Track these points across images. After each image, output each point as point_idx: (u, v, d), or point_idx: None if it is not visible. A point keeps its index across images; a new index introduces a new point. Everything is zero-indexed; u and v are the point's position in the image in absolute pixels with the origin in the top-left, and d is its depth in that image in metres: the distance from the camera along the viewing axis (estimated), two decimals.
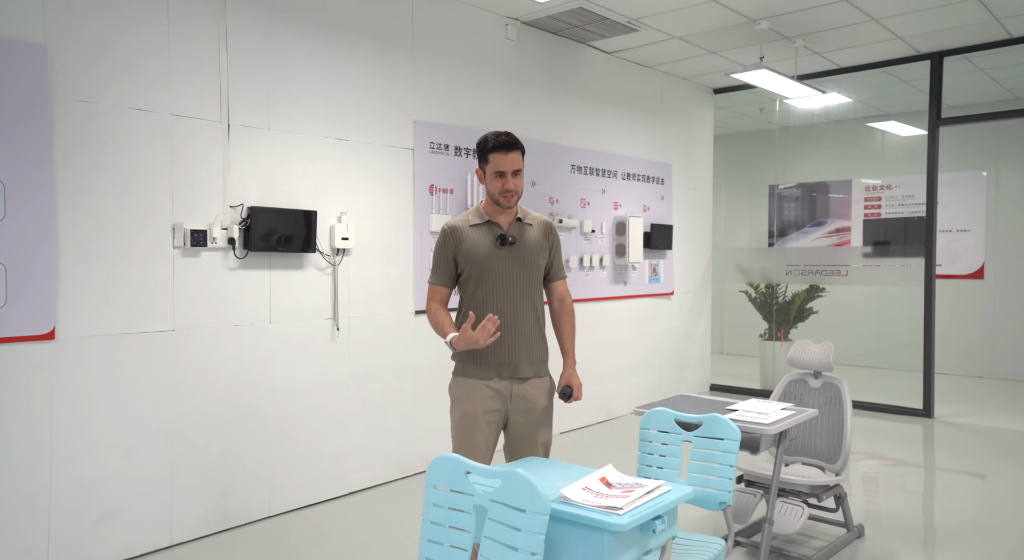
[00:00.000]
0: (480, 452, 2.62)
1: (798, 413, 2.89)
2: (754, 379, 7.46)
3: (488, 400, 2.61)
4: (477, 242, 2.63)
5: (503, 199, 2.59)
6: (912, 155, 8.43)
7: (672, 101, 6.75)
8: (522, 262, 2.66)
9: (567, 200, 5.62)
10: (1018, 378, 7.90)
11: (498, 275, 2.63)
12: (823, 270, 6.86)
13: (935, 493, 4.39)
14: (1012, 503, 4.06)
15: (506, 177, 2.58)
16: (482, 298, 2.64)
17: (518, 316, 2.65)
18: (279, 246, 3.71)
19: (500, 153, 2.57)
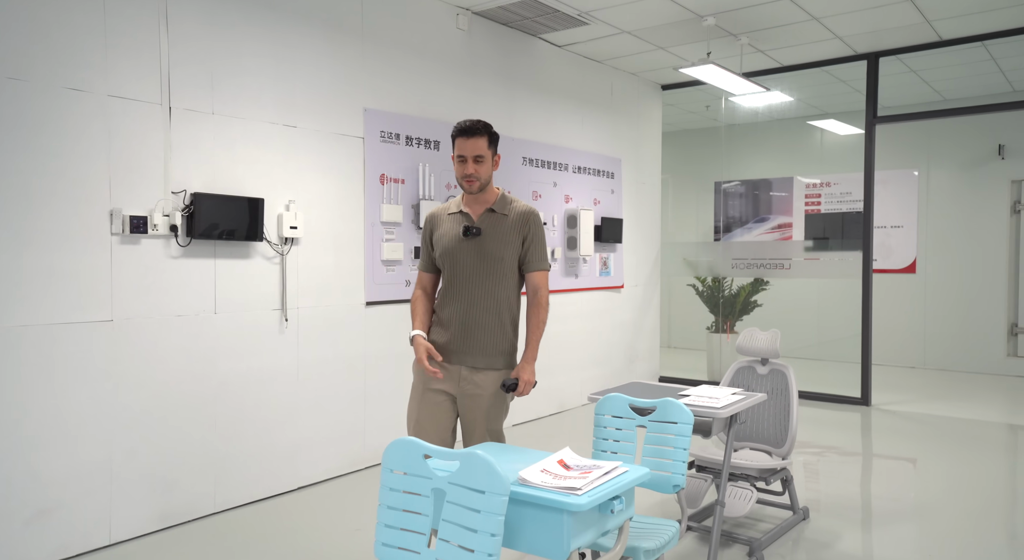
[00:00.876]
0: (422, 426, 2.71)
1: (747, 397, 2.95)
2: (701, 371, 7.61)
3: (434, 379, 2.70)
4: (448, 231, 2.72)
5: (464, 184, 2.67)
6: (850, 153, 8.73)
7: (622, 96, 6.82)
8: (484, 254, 2.68)
9: (519, 192, 5.62)
10: (948, 368, 8.27)
11: (460, 265, 2.70)
12: (767, 264, 7.04)
13: (873, 477, 4.55)
14: (944, 485, 4.24)
15: (466, 162, 2.62)
16: (446, 286, 2.77)
17: (475, 307, 2.69)
18: (225, 234, 3.60)
19: (462, 138, 2.64)
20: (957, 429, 5.60)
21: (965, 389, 7.18)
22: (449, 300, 2.73)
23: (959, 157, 8.23)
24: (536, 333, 2.76)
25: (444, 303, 2.75)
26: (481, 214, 2.70)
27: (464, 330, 2.69)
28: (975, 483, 4.25)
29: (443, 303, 2.76)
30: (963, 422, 5.80)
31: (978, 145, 8.10)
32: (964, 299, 8.20)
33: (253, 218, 3.73)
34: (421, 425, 2.73)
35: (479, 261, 2.68)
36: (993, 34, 5.70)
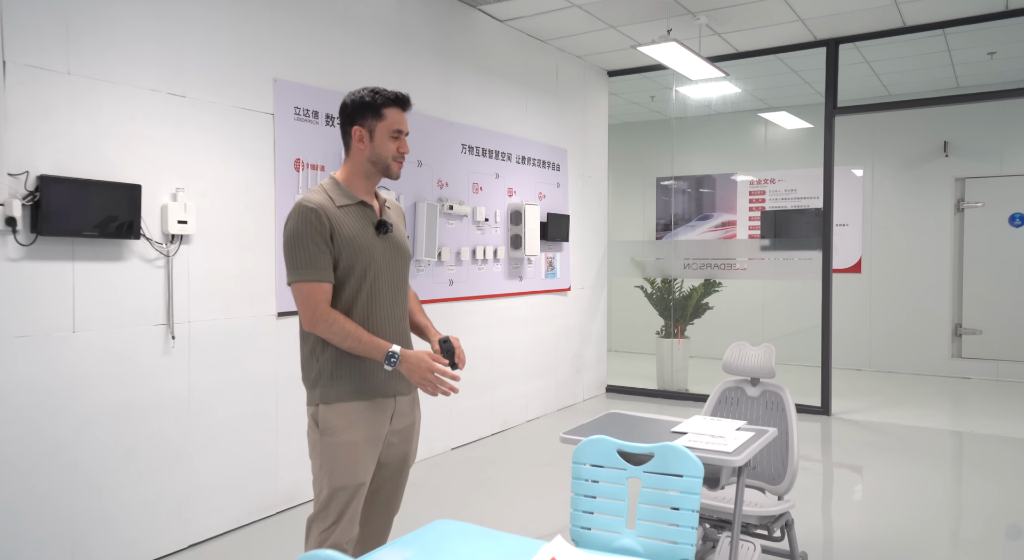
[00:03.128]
0: (364, 490, 2.11)
1: (758, 434, 2.39)
2: (650, 378, 7.14)
3: (375, 425, 2.10)
4: (356, 229, 2.08)
5: (395, 166, 2.13)
6: (796, 149, 8.48)
7: (567, 81, 6.24)
8: (400, 254, 2.19)
9: (458, 184, 4.95)
10: (893, 370, 8.09)
11: (382, 271, 2.13)
12: (721, 264, 6.62)
13: (866, 508, 4.12)
14: (971, 515, 3.83)
15: (402, 138, 2.12)
16: (366, 303, 2.09)
17: (401, 318, 2.19)
18: (86, 230, 2.79)
19: (398, 109, 2.11)
20: (928, 442, 5.27)
21: (917, 393, 6.97)
22: (373, 316, 2.10)
23: (904, 154, 8.07)
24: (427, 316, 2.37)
25: (366, 321, 2.09)
26: (381, 206, 2.19)
27: None
28: (979, 512, 3.87)
29: (364, 322, 2.08)
30: (929, 433, 5.50)
31: (923, 142, 7.94)
32: (909, 299, 8.04)
33: (127, 210, 2.93)
34: (359, 496, 2.08)
35: (395, 262, 2.17)
36: (956, 21, 5.41)
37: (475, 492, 4.12)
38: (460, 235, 4.98)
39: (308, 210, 2.01)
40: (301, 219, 2.01)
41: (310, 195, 2.06)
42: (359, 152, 2.09)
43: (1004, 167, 7.57)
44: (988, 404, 6.50)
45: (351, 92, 2.10)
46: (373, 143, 2.08)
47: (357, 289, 2.08)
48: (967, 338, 7.83)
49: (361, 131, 2.07)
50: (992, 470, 4.52)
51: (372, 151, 2.08)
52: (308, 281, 2.01)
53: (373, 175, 2.12)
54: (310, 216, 2.01)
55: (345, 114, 2.10)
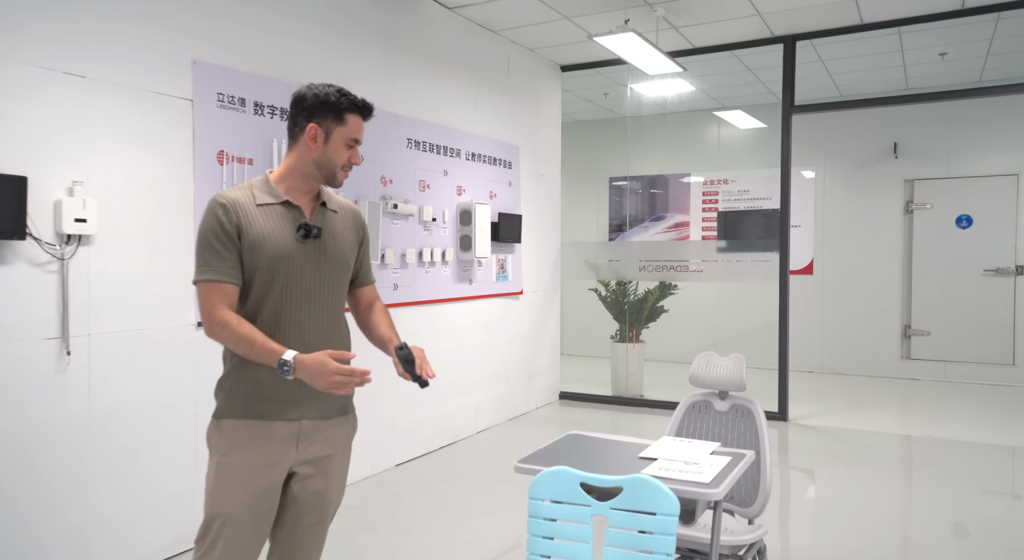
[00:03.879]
0: (262, 523, 1.87)
1: (736, 459, 2.14)
2: (605, 384, 6.92)
3: (268, 450, 1.86)
4: (270, 229, 1.88)
5: (342, 175, 1.97)
6: (750, 150, 8.39)
7: (519, 75, 5.96)
8: (329, 262, 1.96)
9: (403, 181, 4.61)
10: (844, 372, 8.07)
11: (299, 279, 1.91)
12: (676, 266, 6.44)
13: (833, 521, 3.94)
14: (935, 529, 3.68)
15: (355, 148, 1.96)
16: (274, 311, 1.89)
17: (320, 334, 1.94)
18: None
19: (357, 116, 1.95)
20: (888, 449, 5.17)
21: (870, 396, 6.92)
22: (281, 328, 1.88)
23: (855, 156, 8.06)
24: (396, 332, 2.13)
25: (272, 333, 1.86)
26: (315, 210, 1.98)
27: None
28: (940, 523, 3.73)
29: (270, 333, 1.85)
30: (887, 439, 5.40)
31: (873, 144, 7.94)
32: (860, 301, 8.03)
33: (10, 206, 2.52)
34: (239, 527, 1.82)
35: (320, 272, 1.94)
36: (913, 19, 5.33)
37: (420, 514, 3.80)
38: (406, 236, 4.64)
39: (216, 205, 1.86)
40: (209, 214, 1.86)
41: (228, 190, 1.91)
42: (307, 151, 1.92)
43: (951, 169, 7.61)
44: (938, 407, 6.48)
45: (312, 85, 1.92)
46: (327, 146, 1.91)
47: (262, 299, 1.88)
48: (916, 339, 7.85)
49: (316, 130, 1.90)
50: (950, 477, 4.42)
51: (322, 154, 1.91)
52: (208, 281, 1.83)
53: (314, 178, 1.94)
54: (217, 211, 1.85)
55: (302, 107, 1.91)
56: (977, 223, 7.54)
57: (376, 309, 2.12)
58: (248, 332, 1.78)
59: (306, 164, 1.91)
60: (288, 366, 1.74)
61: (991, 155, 7.44)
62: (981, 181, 7.51)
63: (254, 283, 1.87)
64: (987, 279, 7.49)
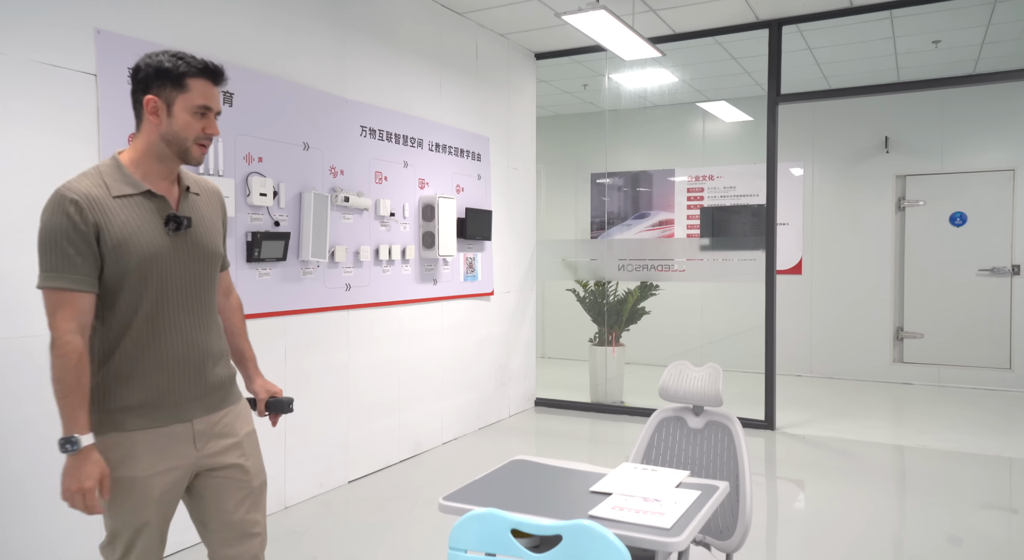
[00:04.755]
0: (158, 534, 1.78)
1: (706, 493, 1.77)
2: (583, 389, 6.56)
3: (167, 456, 1.75)
4: (135, 225, 1.70)
5: (197, 151, 1.76)
6: (735, 145, 8.06)
7: (489, 61, 5.60)
8: (202, 254, 1.82)
9: (356, 172, 4.24)
10: (834, 376, 7.75)
11: (174, 277, 1.76)
12: (658, 265, 6.08)
13: (832, 545, 3.59)
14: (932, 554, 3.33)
15: (209, 117, 1.76)
16: (150, 314, 1.72)
17: (201, 330, 1.82)
18: None
19: (207, 81, 1.75)
20: (879, 460, 4.84)
21: (861, 403, 6.59)
22: (160, 331, 1.74)
23: (844, 151, 7.74)
24: (249, 342, 2.08)
25: (151, 337, 1.73)
26: (180, 196, 1.80)
27: (195, 367, 1.80)
28: (935, 546, 3.39)
29: (149, 338, 1.73)
30: (879, 450, 5.07)
31: (863, 138, 7.63)
32: (850, 302, 7.71)
33: None
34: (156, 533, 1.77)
35: (195, 266, 1.80)
36: (906, 1, 5.01)
37: (367, 541, 3.42)
38: (359, 232, 4.27)
39: (66, 201, 1.63)
40: (58, 212, 1.63)
41: (76, 181, 1.67)
42: (151, 127, 1.72)
43: (945, 165, 7.31)
44: (932, 414, 6.16)
45: (147, 54, 1.73)
46: (170, 119, 1.72)
47: (136, 303, 1.71)
48: (908, 342, 7.54)
49: (156, 102, 1.71)
50: (946, 493, 4.08)
51: (168, 128, 1.72)
52: (57, 289, 1.63)
53: (168, 158, 1.75)
54: (68, 208, 1.63)
55: (137, 79, 1.73)
56: (972, 221, 7.24)
57: (232, 302, 2.04)
58: (76, 381, 1.62)
59: (155, 143, 1.72)
60: (73, 447, 1.61)
61: (986, 149, 7.14)
62: (976, 177, 7.21)
63: (124, 287, 1.69)
64: (982, 279, 7.18)
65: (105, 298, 1.68)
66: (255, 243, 3.46)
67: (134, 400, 1.71)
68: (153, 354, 1.72)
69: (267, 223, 3.61)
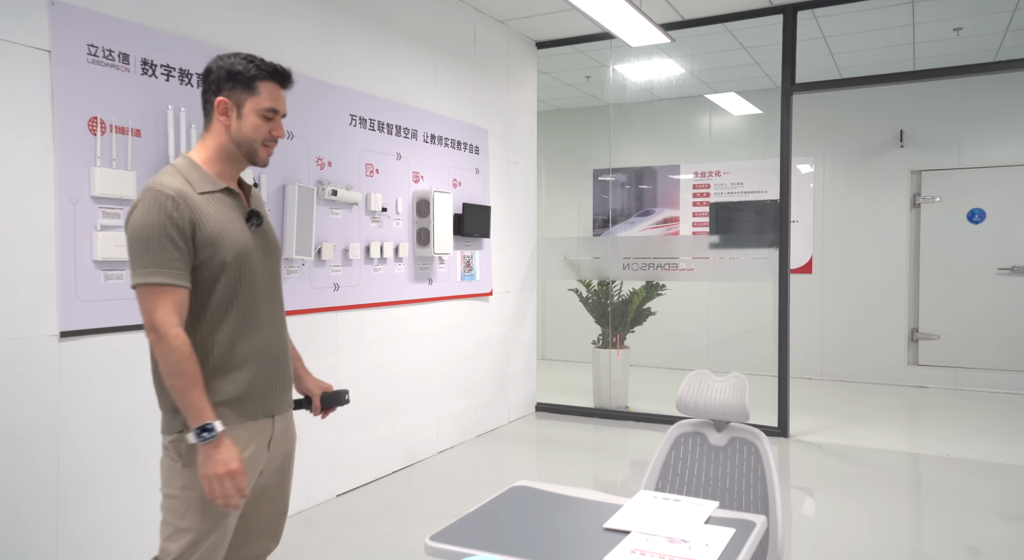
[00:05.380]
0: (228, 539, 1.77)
1: (743, 531, 1.49)
2: (587, 393, 6.29)
3: (254, 452, 1.77)
4: (225, 221, 1.75)
5: (264, 152, 1.82)
6: (744, 139, 7.78)
7: (488, 50, 5.32)
8: (272, 249, 1.90)
9: (345, 164, 3.96)
10: (846, 379, 7.47)
11: (258, 272, 1.82)
12: (664, 264, 5.80)
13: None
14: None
15: (276, 120, 1.82)
16: (244, 308, 1.78)
17: (279, 327, 1.88)
18: None
19: (275, 84, 1.81)
20: (899, 469, 4.55)
21: (876, 408, 6.31)
22: (253, 325, 1.80)
23: (857, 145, 7.45)
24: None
25: (246, 331, 1.78)
26: (247, 193, 1.88)
27: (280, 362, 1.86)
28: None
29: (243, 331, 1.77)
30: (897, 457, 4.79)
31: (877, 132, 7.34)
32: (863, 302, 7.43)
33: None
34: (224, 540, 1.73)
35: (269, 261, 1.87)
36: None
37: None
38: (348, 228, 3.99)
39: (164, 197, 1.66)
40: (155, 208, 1.65)
41: (164, 178, 1.70)
42: (221, 129, 1.78)
43: (962, 159, 7.02)
44: (950, 420, 5.87)
45: (219, 56, 1.78)
46: (240, 121, 1.77)
47: (231, 297, 1.74)
48: (924, 344, 7.25)
49: (226, 104, 1.76)
50: (967, 507, 3.80)
51: (237, 129, 1.77)
52: (158, 285, 1.63)
53: (237, 158, 1.81)
54: (166, 204, 1.65)
55: (208, 81, 1.78)
56: (990, 217, 6.95)
57: None
58: (193, 371, 1.64)
59: (226, 144, 1.77)
60: (212, 434, 1.61)
61: (1006, 143, 6.85)
62: (995, 171, 6.92)
63: (220, 282, 1.72)
64: (1001, 278, 6.89)
65: (199, 293, 1.70)
66: None
67: (231, 394, 1.73)
68: (247, 348, 1.75)
69: None
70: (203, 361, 1.70)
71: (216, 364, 1.72)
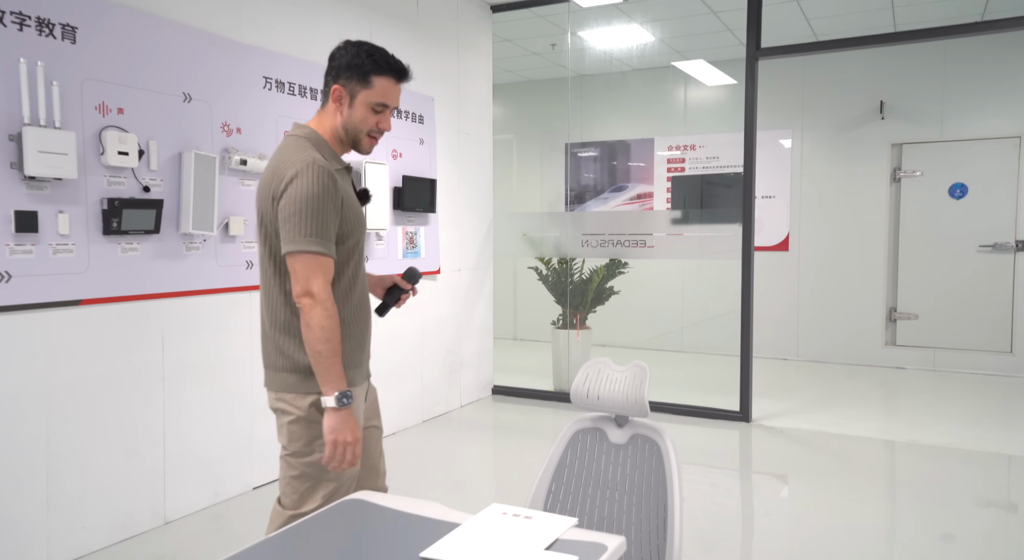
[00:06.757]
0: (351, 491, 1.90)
1: (584, 558, 1.21)
2: (546, 374, 6.03)
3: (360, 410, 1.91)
4: (353, 199, 1.89)
5: (368, 142, 1.91)
6: (719, 111, 7.44)
7: (433, 11, 4.96)
8: (365, 224, 1.98)
9: (258, 131, 3.63)
10: (822, 360, 7.21)
11: (362, 244, 1.94)
12: (624, 241, 5.50)
13: (808, 556, 3.06)
14: None
15: (386, 113, 1.89)
16: (361, 281, 1.94)
17: (369, 298, 2.00)
18: None
19: (391, 79, 1.86)
20: (862, 457, 4.29)
21: (848, 390, 6.05)
22: (364, 294, 1.96)
23: (835, 118, 7.12)
24: None
25: (362, 300, 1.94)
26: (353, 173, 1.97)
27: (369, 335, 1.99)
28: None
29: (362, 300, 1.94)
30: (863, 444, 4.53)
31: (857, 103, 7.01)
32: (841, 281, 7.14)
33: None
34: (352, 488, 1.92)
35: (365, 235, 1.97)
36: None
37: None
38: None
39: (325, 172, 1.76)
40: (319, 181, 1.74)
41: (313, 153, 1.79)
42: (334, 112, 1.87)
43: (945, 132, 6.70)
44: (926, 403, 5.61)
45: (346, 43, 1.88)
46: (351, 110, 1.86)
47: (356, 268, 1.91)
48: (902, 323, 6.99)
49: (341, 92, 1.86)
50: (938, 500, 3.54)
51: (348, 117, 1.87)
52: (317, 254, 1.74)
53: (345, 142, 1.91)
54: (325, 178, 1.76)
55: (331, 66, 1.88)
56: (972, 193, 6.65)
57: None
58: (339, 342, 1.76)
59: (337, 128, 1.87)
60: (350, 400, 1.76)
61: (989, 115, 6.53)
62: (978, 145, 6.61)
63: (352, 256, 1.87)
64: (983, 256, 6.61)
65: (337, 266, 1.82)
66: (112, 212, 2.87)
67: (355, 359, 1.89)
68: (364, 316, 1.93)
69: (133, 188, 3.02)
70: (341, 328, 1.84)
71: (347, 331, 1.86)
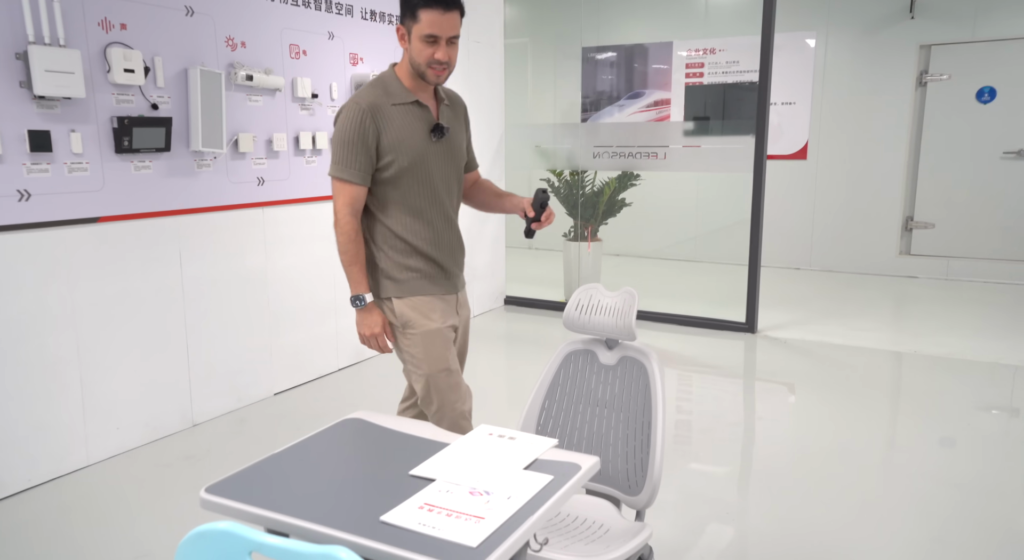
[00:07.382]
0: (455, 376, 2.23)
1: (560, 478, 1.32)
2: (557, 285, 6.14)
3: (448, 315, 2.22)
4: (407, 130, 2.08)
5: (431, 73, 2.05)
6: (739, 11, 7.13)
7: None
8: (454, 158, 2.22)
9: (263, 45, 3.60)
10: (835, 269, 7.24)
11: (434, 176, 2.15)
12: (637, 152, 5.45)
13: (800, 476, 3.23)
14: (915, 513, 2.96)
15: (439, 44, 2.02)
16: (414, 206, 2.14)
17: (453, 221, 2.25)
18: None
19: (436, 11, 1.98)
20: (869, 368, 4.41)
21: (858, 300, 6.10)
22: (432, 218, 2.18)
23: (863, 17, 6.80)
24: None
25: (427, 224, 2.17)
26: (440, 108, 2.16)
27: (451, 250, 2.24)
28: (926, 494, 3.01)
29: (425, 224, 2.17)
30: (869, 355, 4.63)
31: (886, 2, 6.66)
32: (858, 189, 7.05)
33: None
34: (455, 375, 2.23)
35: (448, 168, 2.20)
36: None
37: None
38: (273, 117, 3.69)
39: (359, 109, 2.03)
40: (351, 117, 2.03)
41: (366, 92, 2.06)
42: (404, 51, 2.07)
43: (977, 31, 6.39)
44: (935, 313, 5.67)
45: None
46: (410, 45, 2.03)
47: (402, 193, 2.11)
48: (918, 233, 6.94)
49: (402, 31, 2.06)
50: (935, 405, 3.67)
51: (410, 54, 2.04)
52: (341, 180, 2.06)
53: (418, 77, 2.07)
54: (356, 117, 2.02)
55: (401, 11, 2.05)
56: (1001, 97, 6.42)
57: (481, 181, 2.39)
58: (356, 252, 2.10)
59: (408, 65, 2.05)
60: (362, 303, 2.12)
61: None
62: (1011, 45, 6.30)
63: (402, 180, 2.09)
64: (1006, 163, 6.46)
65: (388, 191, 2.09)
66: (123, 130, 2.92)
67: (422, 272, 2.15)
68: (429, 236, 2.15)
69: (141, 106, 3.05)
70: (389, 244, 2.12)
71: (406, 249, 2.13)
